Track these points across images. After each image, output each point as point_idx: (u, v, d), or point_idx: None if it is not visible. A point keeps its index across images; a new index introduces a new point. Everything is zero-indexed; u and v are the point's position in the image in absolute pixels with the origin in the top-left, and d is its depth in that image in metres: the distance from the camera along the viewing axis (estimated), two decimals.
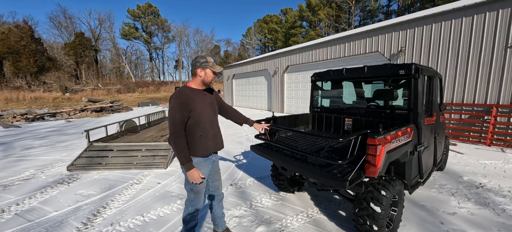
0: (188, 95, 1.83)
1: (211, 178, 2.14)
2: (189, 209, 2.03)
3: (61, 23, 38.09)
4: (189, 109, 1.81)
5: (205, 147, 1.93)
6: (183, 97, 1.80)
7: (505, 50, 5.40)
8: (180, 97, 1.79)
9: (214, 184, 2.18)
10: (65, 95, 26.29)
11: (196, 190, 1.97)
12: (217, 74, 1.96)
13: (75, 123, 11.10)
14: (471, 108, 6.02)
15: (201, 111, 1.89)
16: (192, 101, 1.83)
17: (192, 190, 1.97)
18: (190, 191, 1.99)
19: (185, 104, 1.79)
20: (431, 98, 2.85)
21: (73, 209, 2.95)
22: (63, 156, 5.43)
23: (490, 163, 4.37)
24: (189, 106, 1.81)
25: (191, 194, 1.99)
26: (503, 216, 2.63)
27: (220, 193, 2.23)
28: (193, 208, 2.02)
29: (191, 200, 2.01)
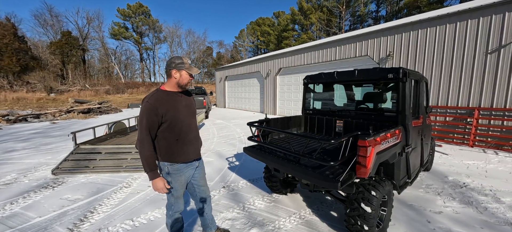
0: (159, 99, 1.72)
1: (197, 183, 2.05)
2: (169, 213, 1.99)
3: (47, 21, 36.73)
4: (159, 114, 1.70)
5: (183, 152, 1.84)
6: (153, 101, 1.69)
7: (485, 56, 5.69)
8: (150, 102, 1.69)
9: (200, 189, 2.09)
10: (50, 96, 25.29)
11: (176, 195, 1.91)
12: (193, 77, 1.86)
13: (61, 125, 10.69)
14: (455, 111, 6.28)
15: (175, 115, 1.78)
16: (164, 105, 1.72)
17: (172, 194, 1.91)
18: (170, 196, 1.93)
19: (154, 109, 1.68)
20: (418, 101, 2.95)
21: (58, 215, 2.83)
22: (47, 159, 5.22)
23: (473, 163, 4.56)
24: (158, 111, 1.70)
25: (171, 198, 1.94)
26: (485, 214, 2.75)
27: (208, 195, 2.17)
28: (173, 211, 1.97)
29: (171, 204, 1.96)
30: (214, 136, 7.69)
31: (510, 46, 5.35)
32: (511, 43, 5.33)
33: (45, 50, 34.82)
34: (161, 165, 1.85)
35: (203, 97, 11.19)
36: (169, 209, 1.98)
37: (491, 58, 5.62)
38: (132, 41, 46.56)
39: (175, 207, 1.96)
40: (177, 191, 1.90)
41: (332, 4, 36.73)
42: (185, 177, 1.91)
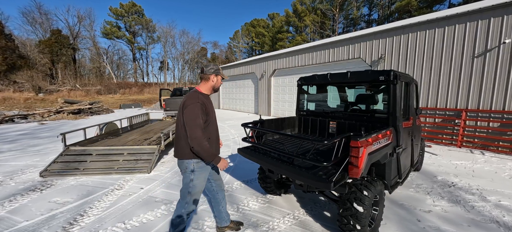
0: (206, 100, 1.95)
1: (214, 177, 2.28)
2: (181, 211, 2.01)
3: (36, 19, 35.69)
4: (206, 113, 1.92)
5: None
6: (203, 102, 1.90)
7: (472, 59, 5.90)
8: (200, 102, 1.88)
9: (217, 183, 2.31)
10: (38, 96, 24.54)
11: (193, 192, 1.99)
12: (223, 80, 2.11)
13: (50, 126, 10.39)
14: (444, 113, 6.47)
15: (212, 116, 2.03)
16: (208, 106, 1.95)
17: (189, 192, 1.99)
18: (187, 194, 1.99)
19: (206, 108, 1.91)
20: (408, 103, 3.02)
21: (46, 218, 2.75)
22: (35, 161, 5.06)
23: (460, 163, 4.71)
24: (207, 110, 1.92)
25: (188, 197, 2.00)
26: (472, 212, 2.84)
27: (224, 189, 2.39)
28: (186, 210, 2.02)
29: (185, 203, 2.00)
30: None
31: (495, 50, 5.56)
32: (496, 48, 5.54)
33: (33, 49, 33.81)
34: (186, 162, 1.95)
35: None
36: (182, 208, 2.01)
37: (478, 62, 5.83)
38: (125, 40, 45.84)
39: (188, 207, 2.01)
40: (196, 188, 1.99)
41: (326, 7, 37.24)
42: (206, 174, 2.05)
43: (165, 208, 2.96)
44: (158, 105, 19.72)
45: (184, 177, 2.01)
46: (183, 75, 51.62)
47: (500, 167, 4.47)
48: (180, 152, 1.96)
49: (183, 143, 1.92)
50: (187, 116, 1.82)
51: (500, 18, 5.44)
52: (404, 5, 28.24)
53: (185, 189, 2.00)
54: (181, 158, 1.96)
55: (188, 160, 1.94)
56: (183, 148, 1.93)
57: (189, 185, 1.98)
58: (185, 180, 2.01)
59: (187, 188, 1.99)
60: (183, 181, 2.03)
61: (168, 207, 2.98)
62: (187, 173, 1.97)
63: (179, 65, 51.11)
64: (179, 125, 1.94)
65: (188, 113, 1.82)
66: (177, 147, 1.99)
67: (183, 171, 2.01)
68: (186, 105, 1.84)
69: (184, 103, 1.88)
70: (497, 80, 5.56)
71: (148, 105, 22.68)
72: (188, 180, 1.97)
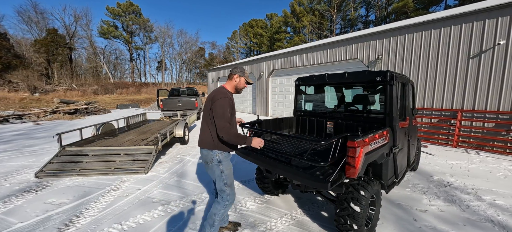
0: (231, 96, 2.13)
1: None
2: (225, 203, 2.08)
3: (31, 18, 35.25)
4: (232, 107, 2.08)
5: (231, 144, 2.14)
6: (230, 97, 2.10)
7: (468, 60, 5.97)
8: (229, 97, 2.07)
9: None
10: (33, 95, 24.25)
11: (229, 182, 2.10)
12: (248, 85, 2.25)
13: (45, 126, 10.28)
14: (440, 113, 6.53)
15: (235, 111, 2.20)
16: (233, 102, 2.12)
17: (226, 184, 2.08)
18: (225, 186, 2.08)
19: (232, 103, 2.08)
20: (404, 104, 3.05)
21: (41, 220, 2.72)
22: (30, 161, 5.00)
23: (456, 163, 4.76)
24: (233, 105, 2.10)
25: (227, 189, 2.09)
26: (468, 211, 2.87)
27: None
28: (229, 202, 2.11)
29: (227, 195, 2.09)
30: None
31: (490, 51, 5.64)
32: (491, 49, 5.62)
33: (29, 48, 33.41)
34: (213, 153, 2.06)
35: (195, 98, 11.08)
36: (225, 200, 2.08)
37: (473, 62, 5.90)
38: (122, 40, 45.54)
39: (231, 198, 2.11)
40: (229, 177, 2.10)
41: (323, 8, 37.40)
42: (231, 164, 2.17)
43: (162, 208, 2.95)
44: (155, 105, 19.62)
45: (212, 171, 2.10)
46: (180, 75, 51.45)
47: (495, 167, 4.53)
48: (205, 141, 2.09)
49: (208, 133, 2.06)
50: (216, 109, 1.96)
51: (494, 20, 5.52)
52: (401, 6, 28.49)
53: (220, 182, 2.08)
54: (205, 147, 2.08)
55: (213, 151, 2.06)
56: (208, 138, 2.06)
57: (222, 177, 2.07)
58: (215, 174, 2.09)
59: (221, 180, 2.07)
60: (212, 175, 2.12)
61: (165, 208, 2.96)
62: (214, 164, 2.07)
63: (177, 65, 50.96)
64: (206, 117, 2.09)
65: (218, 106, 1.96)
66: (202, 137, 2.12)
67: (209, 162, 2.10)
68: (216, 99, 1.99)
69: (214, 98, 2.02)
70: (491, 81, 5.63)
71: (145, 105, 22.55)
72: (219, 172, 2.07)
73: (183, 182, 3.86)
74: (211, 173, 2.14)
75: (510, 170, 4.37)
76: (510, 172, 4.25)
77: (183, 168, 4.52)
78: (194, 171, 4.37)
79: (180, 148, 6.18)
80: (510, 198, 3.23)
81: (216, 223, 2.08)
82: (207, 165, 2.14)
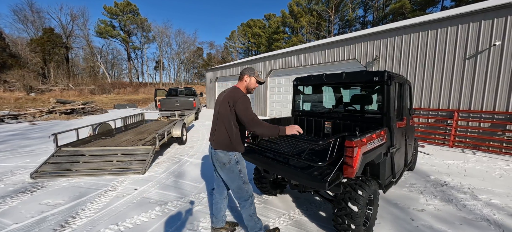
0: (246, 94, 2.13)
1: None
2: (249, 200, 2.10)
3: (27, 17, 34.88)
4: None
5: (243, 143, 2.18)
6: (246, 95, 2.10)
7: (464, 61, 6.02)
8: (246, 94, 2.09)
9: None
10: (29, 95, 24.00)
11: (247, 180, 2.13)
12: (259, 84, 2.23)
13: (41, 126, 10.17)
14: (436, 113, 6.58)
15: None
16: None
17: (245, 182, 2.11)
18: (244, 184, 2.10)
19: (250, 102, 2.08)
20: (402, 104, 3.06)
21: (36, 221, 2.68)
22: (26, 162, 4.94)
23: (453, 163, 4.79)
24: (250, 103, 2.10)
25: (246, 185, 2.11)
26: (464, 211, 2.89)
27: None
28: (252, 195, 2.14)
29: (247, 191, 2.11)
30: (204, 137, 7.60)
31: (485, 52, 5.69)
32: (486, 50, 5.67)
33: (25, 48, 33.05)
34: (231, 155, 2.05)
35: (193, 98, 11.04)
36: (247, 198, 2.11)
37: (469, 63, 5.95)
38: (119, 40, 45.26)
39: (250, 191, 2.14)
40: (245, 175, 2.14)
41: (321, 8, 37.52)
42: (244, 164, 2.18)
43: (159, 209, 2.93)
44: (153, 105, 19.51)
45: (229, 171, 2.07)
46: (178, 75, 51.28)
47: (490, 166, 4.57)
48: (222, 143, 2.05)
49: (226, 135, 2.04)
50: (241, 107, 1.96)
51: (490, 21, 5.57)
52: (398, 7, 28.68)
53: (239, 181, 2.08)
54: (223, 149, 2.05)
55: (231, 152, 2.05)
56: (226, 140, 2.04)
57: (240, 176, 2.08)
58: (233, 174, 2.07)
59: (240, 179, 2.08)
60: (228, 176, 2.10)
61: (163, 208, 2.94)
62: (232, 165, 2.05)
63: (175, 65, 50.78)
64: (224, 119, 2.05)
65: (242, 105, 1.96)
66: (219, 139, 2.07)
67: (226, 164, 2.06)
68: (237, 98, 1.98)
69: (234, 97, 2.00)
70: (487, 81, 5.69)
71: (143, 105, 22.43)
72: (237, 171, 2.08)
73: (180, 182, 3.84)
74: (227, 173, 2.10)
75: (506, 169, 4.41)
76: (506, 172, 4.29)
77: (180, 168, 4.50)
78: (192, 171, 4.35)
79: (178, 148, 6.16)
80: (505, 197, 3.26)
81: (256, 219, 2.15)
82: (223, 166, 2.09)
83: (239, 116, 1.97)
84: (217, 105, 2.19)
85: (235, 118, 2.03)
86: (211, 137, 2.20)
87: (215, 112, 2.17)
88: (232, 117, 2.02)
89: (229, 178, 2.11)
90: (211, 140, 2.19)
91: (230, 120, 2.02)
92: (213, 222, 2.43)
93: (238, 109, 1.97)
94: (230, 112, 2.01)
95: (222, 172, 2.14)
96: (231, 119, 2.02)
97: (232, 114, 2.01)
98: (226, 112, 2.03)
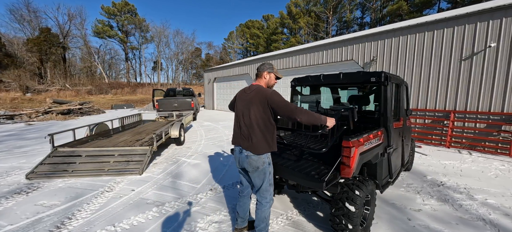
0: None
1: None
2: (269, 203, 2.07)
3: (24, 17, 34.54)
4: None
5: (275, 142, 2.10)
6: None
7: (460, 62, 6.08)
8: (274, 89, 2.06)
9: None
10: (26, 95, 23.77)
11: (272, 182, 2.10)
12: (277, 80, 2.19)
13: (37, 127, 10.08)
14: (433, 114, 6.63)
15: None
16: None
17: (271, 184, 2.08)
18: (270, 186, 2.06)
19: None
20: (398, 104, 3.08)
21: (32, 222, 2.65)
22: (21, 163, 4.89)
23: (449, 163, 4.83)
24: None
25: (271, 188, 2.08)
26: (460, 210, 2.92)
27: None
28: (272, 200, 2.10)
29: (270, 193, 2.07)
30: (202, 138, 7.58)
31: (481, 54, 5.76)
32: (482, 51, 5.74)
33: (21, 47, 32.74)
34: (263, 157, 1.99)
35: (191, 98, 11.01)
36: (269, 200, 2.07)
37: (465, 64, 6.01)
38: (117, 40, 45.02)
39: (272, 195, 2.11)
40: (272, 178, 2.12)
41: (319, 10, 37.69)
42: None
43: (156, 210, 2.91)
44: (150, 106, 19.42)
45: (261, 174, 2.01)
46: (177, 75, 51.11)
47: (486, 167, 4.61)
48: (260, 147, 1.95)
49: (262, 138, 1.96)
50: (278, 100, 1.88)
51: (485, 22, 5.64)
52: (395, 9, 28.90)
53: (266, 183, 2.04)
54: (261, 153, 1.96)
55: (265, 154, 2.00)
56: (263, 144, 1.96)
57: (269, 178, 2.05)
58: (262, 175, 2.02)
59: (268, 181, 2.04)
60: (259, 178, 2.03)
61: (160, 209, 2.93)
62: (265, 167, 2.01)
63: (173, 66, 50.60)
64: (258, 122, 1.95)
65: (278, 98, 1.90)
66: (257, 144, 1.95)
67: (260, 167, 1.99)
68: (269, 95, 1.91)
69: (265, 96, 1.92)
70: (483, 83, 5.75)
71: (140, 106, 22.32)
72: (267, 173, 2.03)
73: (178, 183, 3.82)
74: (257, 176, 2.03)
75: (501, 169, 4.46)
76: (501, 172, 4.33)
77: (178, 169, 4.48)
78: (190, 172, 4.34)
79: (176, 148, 6.13)
80: (501, 197, 3.29)
81: (268, 222, 2.11)
82: (256, 170, 2.00)
83: (279, 110, 1.87)
84: (241, 107, 2.07)
85: (270, 116, 1.95)
86: (240, 141, 2.06)
87: (245, 116, 2.02)
88: (266, 117, 1.94)
89: (259, 180, 2.05)
90: (242, 145, 2.04)
91: (265, 120, 1.94)
92: (238, 223, 2.38)
93: (275, 104, 1.88)
94: (263, 111, 1.93)
95: (253, 175, 2.06)
96: (266, 119, 1.94)
97: (265, 113, 1.93)
98: (259, 113, 1.94)
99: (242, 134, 2.05)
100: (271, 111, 1.92)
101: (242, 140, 2.04)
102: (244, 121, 2.03)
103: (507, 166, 4.66)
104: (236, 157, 2.17)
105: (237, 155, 2.13)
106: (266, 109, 1.92)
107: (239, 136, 2.09)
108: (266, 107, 1.91)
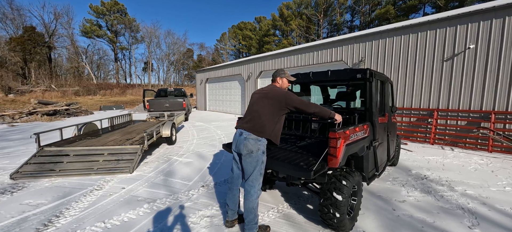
0: None
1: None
2: (258, 193, 2.14)
3: (6, 15, 33.13)
4: None
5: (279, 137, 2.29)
6: None
7: (442, 63, 6.39)
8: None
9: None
10: (8, 96, 22.76)
11: (263, 172, 2.19)
12: (290, 83, 2.42)
13: (21, 128, 9.70)
14: (418, 112, 6.92)
15: None
16: None
17: (261, 174, 2.16)
18: (260, 176, 2.15)
19: None
20: (383, 100, 3.23)
21: (17, 221, 2.59)
22: (4, 163, 4.71)
23: (433, 159, 5.06)
24: None
25: (260, 177, 2.16)
26: (441, 201, 3.08)
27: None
28: (260, 192, 2.18)
29: (258, 184, 2.15)
30: (194, 137, 7.55)
31: (461, 55, 6.07)
32: (462, 53, 6.05)
33: (3, 47, 31.35)
34: (260, 142, 2.11)
35: (182, 99, 10.93)
36: (257, 190, 2.14)
37: (447, 65, 6.32)
38: (106, 40, 44.00)
39: (260, 185, 2.18)
40: (264, 169, 2.21)
41: (311, 12, 38.36)
42: None
43: (148, 206, 2.90)
44: (141, 107, 19.07)
45: (253, 160, 2.10)
46: (168, 76, 50.44)
47: (466, 161, 4.87)
48: (259, 130, 2.11)
49: (272, 124, 2.14)
50: (293, 98, 2.16)
51: (465, 25, 5.96)
52: (383, 13, 29.87)
53: (257, 173, 2.12)
54: (261, 134, 2.11)
55: (262, 139, 2.12)
56: (268, 129, 2.13)
57: (261, 167, 2.13)
58: (254, 162, 2.10)
59: (259, 171, 2.13)
60: (251, 164, 2.11)
61: (151, 206, 2.92)
62: (258, 154, 2.10)
63: (164, 67, 49.93)
64: (262, 107, 2.17)
65: (292, 96, 2.18)
66: (255, 125, 2.14)
67: (254, 152, 2.09)
68: (284, 94, 2.17)
69: (280, 93, 2.18)
70: (463, 82, 6.06)
71: (130, 107, 21.86)
72: (260, 162, 2.13)
73: (169, 180, 3.81)
74: (250, 161, 2.12)
75: (480, 163, 4.72)
76: (480, 166, 4.58)
77: (170, 167, 4.46)
78: (182, 169, 4.33)
79: (167, 148, 6.08)
80: (479, 188, 3.50)
81: (256, 213, 2.14)
82: (250, 154, 2.09)
83: (296, 105, 2.14)
84: (256, 98, 2.28)
85: (279, 112, 2.17)
86: (242, 123, 2.25)
87: (256, 104, 2.24)
88: (275, 110, 2.15)
89: (251, 166, 2.12)
90: (243, 126, 2.20)
91: (272, 112, 2.14)
92: (229, 215, 2.43)
93: (291, 101, 2.15)
94: (273, 104, 2.14)
95: (245, 160, 2.14)
96: (273, 112, 2.14)
97: (274, 106, 2.14)
98: (269, 104, 2.15)
99: (247, 118, 2.25)
100: (287, 106, 2.16)
101: (246, 123, 2.22)
102: (253, 107, 2.26)
103: (485, 160, 4.94)
104: (235, 139, 2.28)
105: (237, 138, 2.25)
106: (281, 105, 2.15)
107: (244, 120, 2.29)
108: (280, 102, 2.14)
